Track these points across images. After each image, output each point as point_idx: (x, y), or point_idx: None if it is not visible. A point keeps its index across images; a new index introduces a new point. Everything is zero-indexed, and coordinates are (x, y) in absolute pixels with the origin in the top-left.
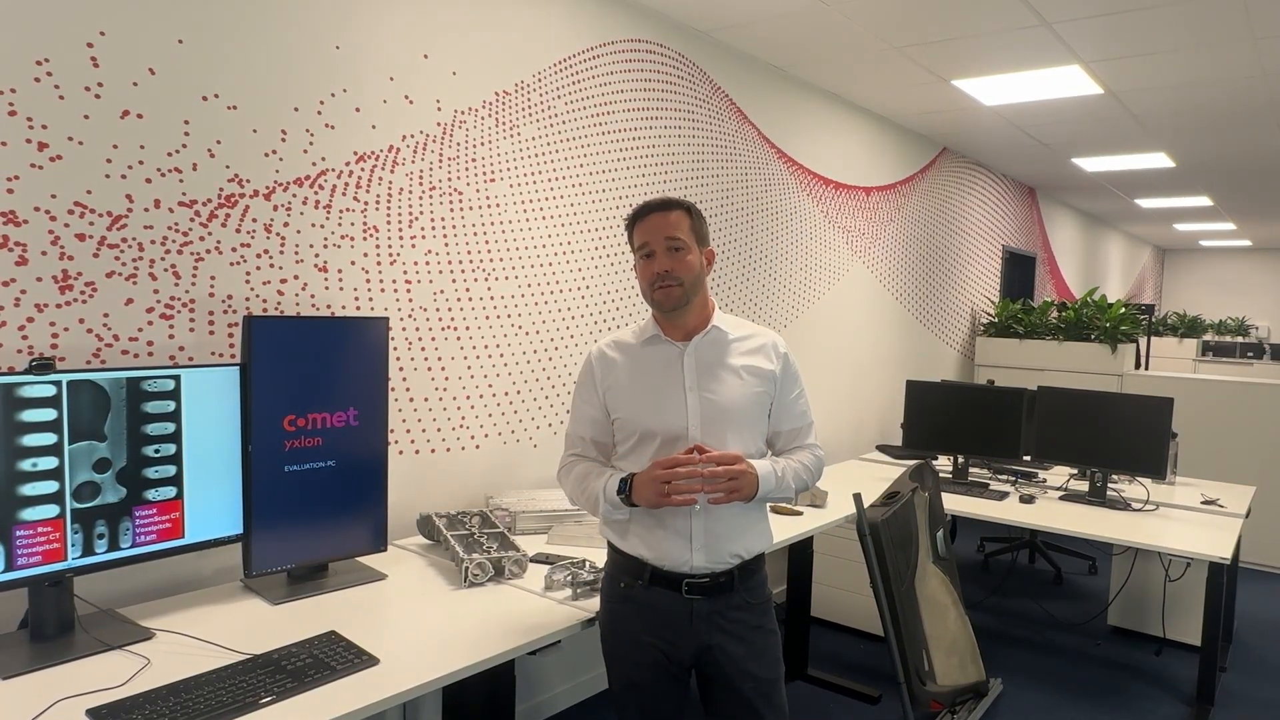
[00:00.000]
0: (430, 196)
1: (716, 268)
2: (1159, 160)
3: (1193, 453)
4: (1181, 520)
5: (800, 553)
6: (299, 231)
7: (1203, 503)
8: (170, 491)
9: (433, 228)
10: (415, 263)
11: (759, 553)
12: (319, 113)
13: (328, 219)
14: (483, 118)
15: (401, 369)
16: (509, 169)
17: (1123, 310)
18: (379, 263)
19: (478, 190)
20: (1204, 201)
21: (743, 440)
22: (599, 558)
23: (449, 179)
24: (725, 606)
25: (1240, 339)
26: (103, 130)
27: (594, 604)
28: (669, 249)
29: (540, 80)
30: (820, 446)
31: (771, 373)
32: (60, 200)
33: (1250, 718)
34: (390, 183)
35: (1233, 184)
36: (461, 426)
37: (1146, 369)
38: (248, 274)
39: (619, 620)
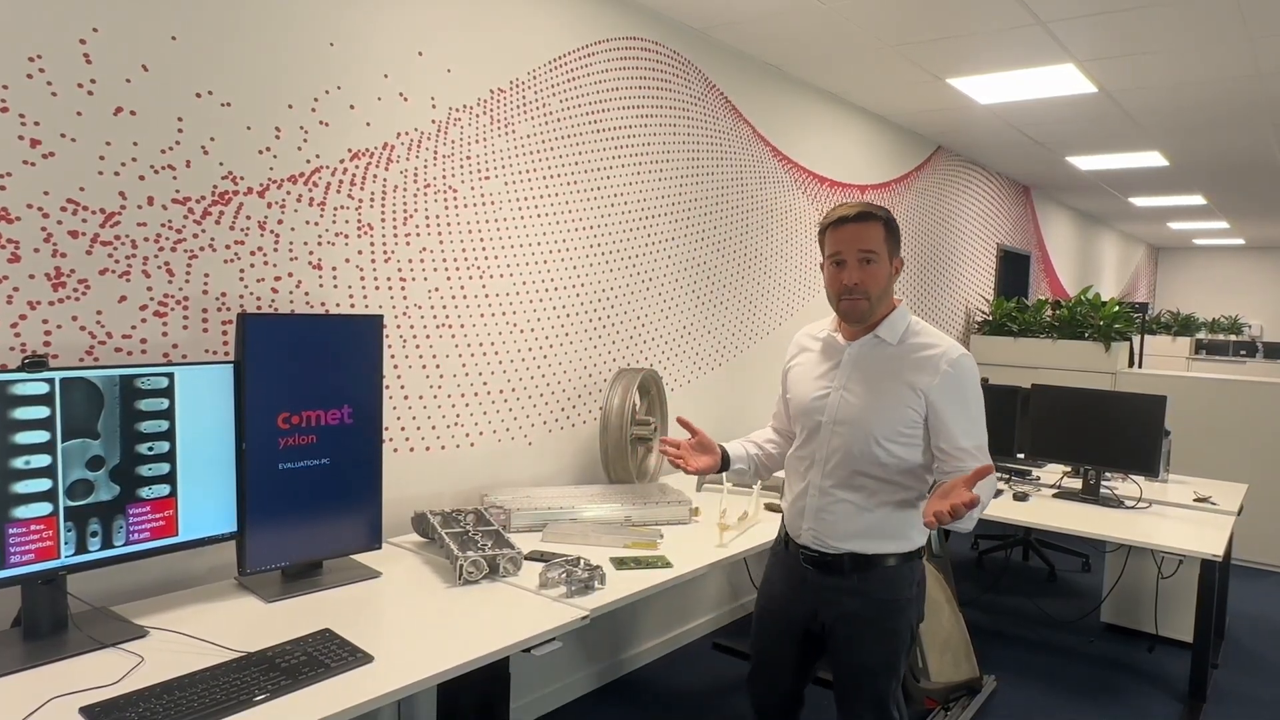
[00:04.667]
0: (425, 194)
1: (712, 267)
2: (1153, 159)
3: (1186, 450)
4: (1174, 518)
5: None
6: (293, 229)
7: (1195, 500)
8: (164, 489)
9: (427, 225)
10: (410, 260)
11: (880, 554)
12: (313, 110)
13: (322, 216)
14: (477, 115)
15: (396, 366)
16: (504, 166)
17: (1116, 308)
18: (373, 260)
19: (472, 188)
20: (1198, 200)
21: (871, 451)
22: (594, 555)
23: (444, 176)
24: (837, 585)
25: (1233, 337)
26: (96, 127)
27: (588, 602)
28: (861, 261)
29: (535, 78)
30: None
31: (924, 386)
32: (53, 197)
33: (1242, 714)
34: (385, 180)
35: (1227, 183)
36: (456, 424)
37: (1140, 367)
38: (241, 271)
39: (770, 568)
